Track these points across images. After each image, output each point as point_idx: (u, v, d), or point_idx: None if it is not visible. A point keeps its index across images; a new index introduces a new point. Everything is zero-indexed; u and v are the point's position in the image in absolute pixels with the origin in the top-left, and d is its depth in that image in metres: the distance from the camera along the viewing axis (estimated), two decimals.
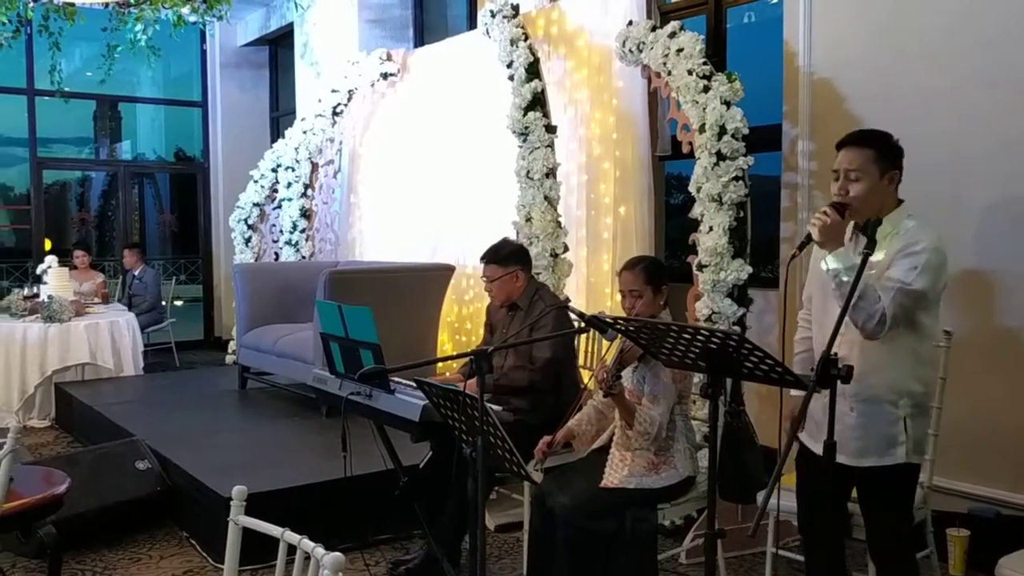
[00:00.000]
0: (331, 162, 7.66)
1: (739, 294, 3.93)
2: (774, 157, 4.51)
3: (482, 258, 3.76)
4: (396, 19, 7.94)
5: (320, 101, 7.39)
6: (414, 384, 2.95)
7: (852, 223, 2.55)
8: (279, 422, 5.33)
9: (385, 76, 7.02)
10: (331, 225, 7.77)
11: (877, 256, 2.44)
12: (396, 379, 3.15)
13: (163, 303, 8.74)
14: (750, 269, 3.92)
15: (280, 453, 4.54)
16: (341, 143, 7.62)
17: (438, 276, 5.84)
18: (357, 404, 3.14)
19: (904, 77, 3.83)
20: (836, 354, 2.12)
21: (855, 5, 4.05)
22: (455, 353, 6.04)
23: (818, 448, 2.44)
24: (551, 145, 4.92)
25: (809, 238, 2.43)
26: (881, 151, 2.51)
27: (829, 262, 2.39)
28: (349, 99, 7.27)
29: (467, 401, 2.55)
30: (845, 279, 2.34)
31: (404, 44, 7.73)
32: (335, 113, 7.30)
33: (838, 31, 4.11)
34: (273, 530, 1.72)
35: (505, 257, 3.70)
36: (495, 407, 3.05)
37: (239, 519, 1.84)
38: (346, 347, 3.18)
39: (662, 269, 3.15)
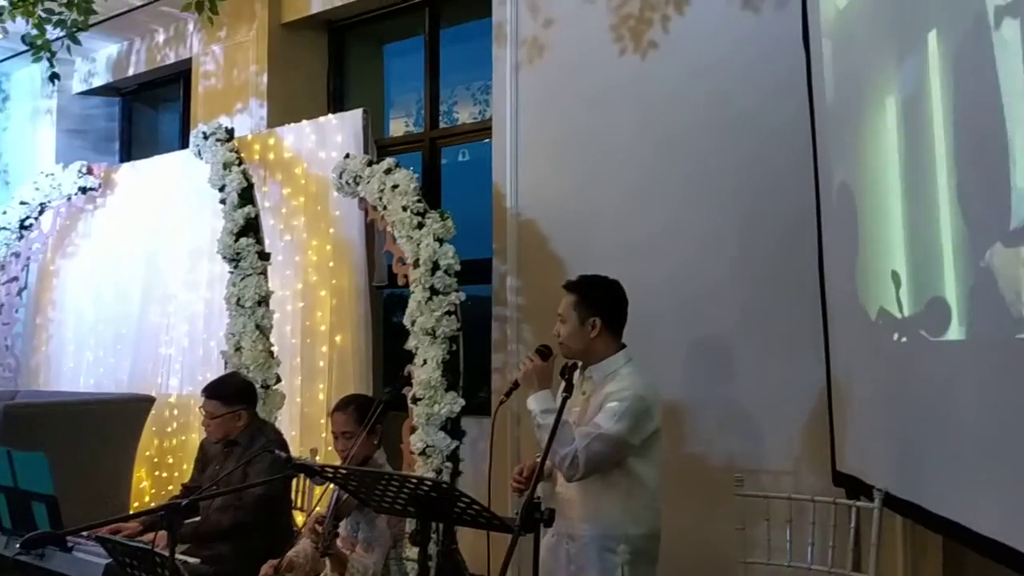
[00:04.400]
0: (15, 279, 6.91)
1: (452, 427, 3.97)
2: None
3: (204, 391, 3.56)
4: (100, 131, 7.50)
5: (5, 213, 6.70)
6: (96, 540, 2.64)
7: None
8: None
9: (84, 190, 6.53)
10: (11, 349, 6.94)
11: (596, 400, 2.58)
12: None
13: None
14: (463, 402, 3.98)
15: None
16: (29, 259, 6.92)
17: (135, 408, 5.37)
18: (26, 565, 2.74)
19: (601, 227, 4.18)
20: (539, 498, 2.18)
21: (555, 156, 4.40)
22: (153, 492, 5.56)
23: None
24: (264, 272, 4.79)
25: (516, 384, 2.53)
26: (583, 297, 2.69)
27: (529, 403, 2.50)
28: (40, 212, 6.66)
29: (157, 560, 2.31)
30: (541, 421, 2.45)
31: (109, 157, 7.30)
32: (23, 227, 6.65)
33: (541, 178, 4.43)
34: None
35: (231, 395, 3.54)
36: (192, 559, 2.81)
37: None
38: (15, 499, 2.80)
39: (375, 407, 3.10)
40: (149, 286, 6.04)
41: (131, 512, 4.95)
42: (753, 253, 3.80)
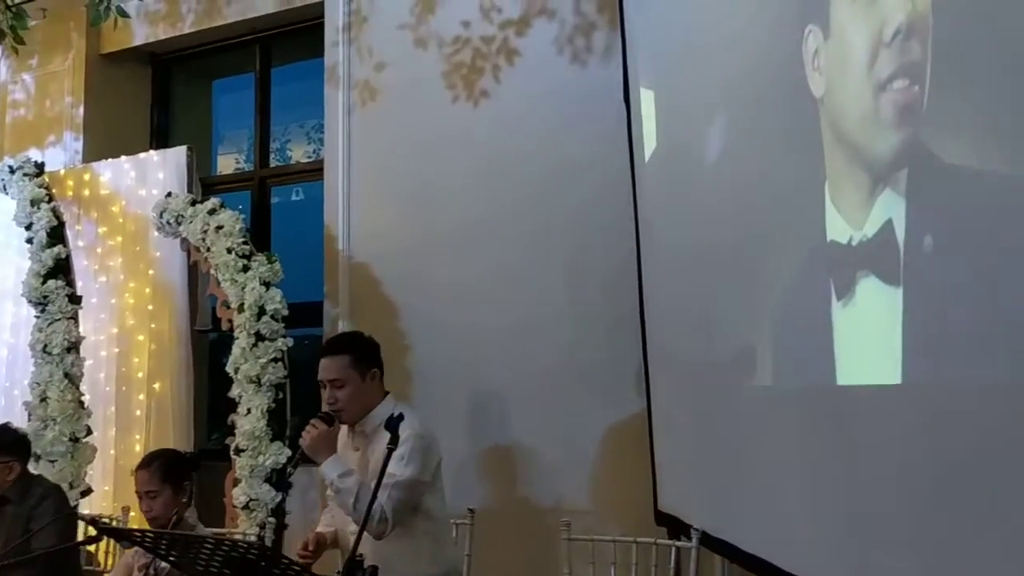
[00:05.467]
0: None
1: (278, 478, 3.83)
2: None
3: None
4: None
5: None
6: None
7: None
8: None
9: None
10: None
11: (375, 450, 2.55)
12: None
13: None
14: (288, 452, 3.85)
15: None
16: None
17: None
18: None
19: (434, 271, 4.17)
20: (362, 555, 2.12)
21: (388, 199, 4.37)
22: None
23: None
24: (75, 316, 4.49)
25: (303, 454, 2.47)
26: (356, 355, 2.66)
27: (324, 471, 2.45)
28: None
29: None
30: (341, 486, 2.41)
31: None
32: None
33: (374, 221, 4.39)
34: None
35: (3, 445, 3.26)
36: None
37: None
38: None
39: (183, 463, 2.93)
40: None
41: None
42: (580, 298, 3.90)
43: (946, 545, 1.43)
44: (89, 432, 4.41)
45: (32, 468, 3.55)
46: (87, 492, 4.34)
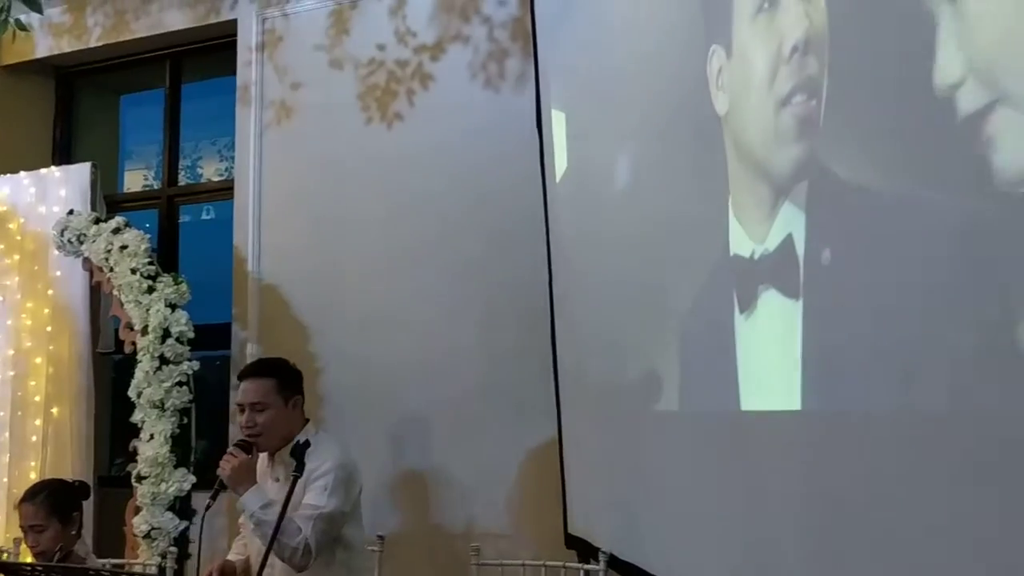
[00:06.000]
0: None
1: (182, 506, 3.71)
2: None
3: None
4: None
5: None
6: None
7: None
8: None
9: None
10: None
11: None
12: None
13: None
14: (194, 479, 3.74)
15: None
16: None
17: None
18: None
19: (346, 293, 4.15)
20: None
21: (300, 220, 4.32)
22: None
23: None
24: None
25: (222, 484, 2.41)
26: (281, 380, 2.62)
27: (247, 502, 2.39)
28: None
29: None
30: (263, 517, 2.36)
31: None
32: None
33: (285, 242, 4.33)
34: None
35: None
36: None
37: None
38: None
39: (70, 493, 2.80)
40: None
41: None
42: (494, 322, 3.91)
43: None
44: None
45: None
46: None
